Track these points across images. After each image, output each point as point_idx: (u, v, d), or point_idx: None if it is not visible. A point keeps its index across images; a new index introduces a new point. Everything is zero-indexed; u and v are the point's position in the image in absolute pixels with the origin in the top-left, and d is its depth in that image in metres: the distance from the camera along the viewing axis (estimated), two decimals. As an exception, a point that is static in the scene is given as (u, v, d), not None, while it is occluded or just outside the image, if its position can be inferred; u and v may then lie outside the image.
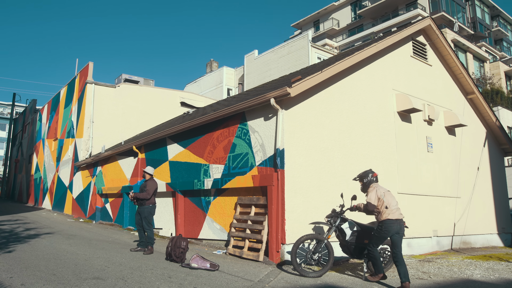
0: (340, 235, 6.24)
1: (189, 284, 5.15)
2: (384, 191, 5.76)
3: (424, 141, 10.49)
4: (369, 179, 5.92)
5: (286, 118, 7.43)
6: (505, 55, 40.02)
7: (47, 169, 21.86)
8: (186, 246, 6.79)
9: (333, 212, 6.34)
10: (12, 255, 6.48)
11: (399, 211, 5.65)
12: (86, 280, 4.99)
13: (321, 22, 41.64)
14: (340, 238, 6.28)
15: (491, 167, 12.88)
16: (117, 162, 14.02)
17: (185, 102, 21.21)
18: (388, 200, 5.65)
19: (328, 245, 6.06)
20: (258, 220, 7.56)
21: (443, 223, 10.49)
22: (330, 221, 6.25)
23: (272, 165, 7.47)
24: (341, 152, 8.35)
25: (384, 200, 5.64)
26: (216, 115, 8.80)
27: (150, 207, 7.94)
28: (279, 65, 27.03)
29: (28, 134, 28.35)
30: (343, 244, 6.29)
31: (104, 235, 10.39)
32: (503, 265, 7.43)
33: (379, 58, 9.76)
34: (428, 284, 5.75)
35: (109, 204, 14.29)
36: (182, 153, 10.32)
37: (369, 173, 5.98)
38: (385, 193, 5.72)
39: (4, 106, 54.52)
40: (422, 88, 10.89)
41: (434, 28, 11.18)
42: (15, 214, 15.27)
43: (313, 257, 6.04)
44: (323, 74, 7.80)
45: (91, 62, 18.59)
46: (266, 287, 5.29)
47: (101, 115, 18.11)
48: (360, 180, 6.07)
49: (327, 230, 6.26)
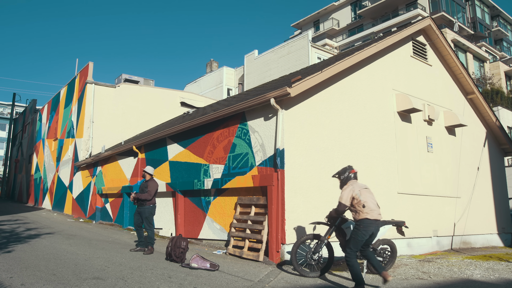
0: (340, 235, 6.24)
1: (189, 284, 5.15)
2: (360, 189, 5.28)
3: (424, 141, 10.49)
4: (346, 176, 5.53)
5: (286, 118, 7.43)
6: (505, 55, 40.01)
7: (47, 169, 21.86)
8: (186, 246, 6.79)
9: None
10: (12, 255, 6.48)
11: (378, 211, 5.21)
12: (86, 280, 4.99)
13: (321, 22, 41.64)
14: (340, 238, 6.28)
15: (491, 167, 12.88)
16: (117, 162, 14.02)
17: (185, 102, 21.21)
18: (365, 198, 5.19)
19: (328, 245, 6.05)
20: (258, 220, 7.56)
21: (443, 223, 10.49)
22: (330, 221, 6.26)
23: (272, 165, 7.47)
24: (341, 152, 8.35)
25: (360, 199, 5.17)
26: (216, 115, 8.80)
27: (150, 207, 7.94)
28: (279, 65, 27.03)
29: (28, 134, 28.35)
30: (343, 244, 6.29)
31: (104, 235, 10.39)
32: (503, 265, 7.43)
33: (379, 58, 9.76)
34: (428, 284, 5.75)
35: (109, 204, 14.29)
36: (182, 153, 10.32)
37: (347, 169, 5.61)
38: (361, 191, 5.24)
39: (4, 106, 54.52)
40: (422, 88, 10.89)
41: (434, 28, 11.18)
42: (15, 214, 15.27)
43: (313, 257, 6.03)
44: (323, 74, 7.80)
45: (91, 62, 18.59)
46: (266, 287, 5.29)
47: (101, 115, 18.11)
48: (338, 177, 5.74)
49: (327, 230, 6.26)
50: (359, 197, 5.21)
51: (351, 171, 5.60)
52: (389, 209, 8.99)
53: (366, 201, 5.18)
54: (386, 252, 6.48)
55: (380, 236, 6.46)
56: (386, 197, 9.04)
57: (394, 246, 6.56)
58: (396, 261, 7.80)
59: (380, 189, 8.96)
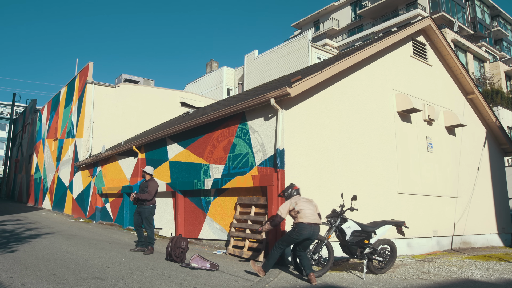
0: (340, 235, 6.24)
1: (189, 284, 5.15)
2: (297, 200, 5.86)
3: (424, 141, 10.49)
4: (289, 193, 6.07)
5: (286, 118, 7.43)
6: (505, 55, 40.01)
7: (47, 169, 21.86)
8: (186, 246, 6.79)
9: (333, 212, 6.35)
10: (12, 255, 6.48)
11: (313, 216, 5.71)
12: (86, 280, 4.99)
13: (321, 22, 41.64)
14: (340, 238, 6.28)
15: (491, 167, 12.88)
16: (117, 162, 14.02)
17: (185, 102, 21.21)
18: (300, 206, 5.78)
19: (328, 245, 6.06)
20: (258, 220, 7.56)
21: (443, 223, 10.49)
22: (330, 221, 6.27)
23: (272, 165, 7.47)
24: (341, 152, 8.35)
25: (295, 208, 5.77)
26: (216, 115, 8.80)
27: (151, 207, 7.93)
28: (279, 65, 27.03)
29: (28, 134, 28.35)
30: (343, 244, 6.29)
31: (104, 235, 10.39)
32: (503, 265, 7.43)
33: (379, 58, 9.76)
34: (428, 284, 5.75)
35: (109, 204, 14.29)
36: (182, 153, 10.32)
37: (289, 188, 6.14)
38: (297, 202, 5.84)
39: (4, 106, 54.51)
40: (422, 88, 10.89)
41: (434, 28, 11.18)
42: (15, 214, 15.27)
43: (313, 257, 6.05)
44: (323, 74, 7.80)
45: (91, 62, 18.59)
46: (266, 287, 5.29)
47: (101, 115, 18.11)
48: (282, 195, 6.30)
49: (327, 230, 6.26)
50: (295, 206, 5.79)
51: (293, 188, 6.12)
52: (389, 209, 9.00)
53: (302, 209, 5.73)
54: (386, 252, 6.49)
55: (380, 236, 6.47)
56: (386, 197, 9.05)
57: (394, 246, 6.57)
58: (396, 261, 7.81)
59: (380, 189, 8.97)
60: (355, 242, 6.15)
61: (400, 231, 6.79)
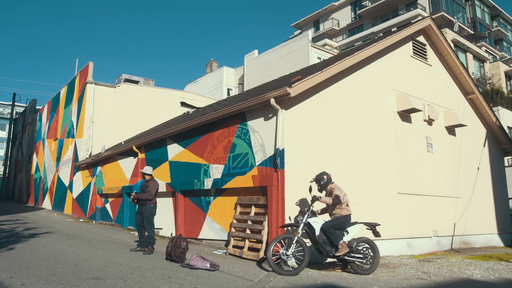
0: (309, 231, 6.28)
1: (189, 284, 5.15)
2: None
3: (424, 141, 10.49)
4: (326, 181, 6.58)
5: (286, 118, 7.43)
6: (505, 55, 40.01)
7: (47, 169, 21.86)
8: (186, 246, 6.79)
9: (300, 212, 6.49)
10: (12, 255, 6.48)
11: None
12: (86, 280, 4.99)
13: (321, 22, 41.64)
14: (310, 236, 6.33)
15: (491, 167, 12.88)
16: (117, 162, 14.02)
17: (185, 102, 21.21)
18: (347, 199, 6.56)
19: (300, 241, 6.10)
20: (258, 220, 7.56)
21: (443, 223, 10.49)
22: (297, 219, 6.38)
23: (272, 165, 7.47)
24: (341, 152, 8.35)
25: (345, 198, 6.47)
26: (216, 115, 8.80)
27: (151, 207, 7.93)
28: (279, 65, 27.03)
29: (28, 134, 28.34)
30: (314, 242, 6.34)
31: (104, 235, 10.39)
32: (503, 265, 7.43)
33: (379, 58, 9.76)
34: (428, 284, 5.75)
35: (109, 204, 14.29)
36: (182, 153, 10.32)
37: (323, 174, 6.63)
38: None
39: (4, 106, 54.51)
40: (422, 88, 10.89)
41: (434, 28, 11.18)
42: (15, 214, 15.27)
43: (287, 253, 6.07)
44: (323, 74, 7.80)
45: (91, 62, 18.59)
46: (266, 287, 5.29)
47: (101, 115, 18.11)
48: (317, 182, 6.64)
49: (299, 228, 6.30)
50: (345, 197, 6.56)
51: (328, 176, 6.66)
52: (389, 209, 9.00)
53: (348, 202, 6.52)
54: (365, 250, 6.43)
55: (353, 235, 6.49)
56: (386, 197, 9.05)
57: (374, 244, 6.50)
58: (396, 261, 7.81)
59: (380, 189, 8.97)
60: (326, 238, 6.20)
61: (376, 233, 6.71)
